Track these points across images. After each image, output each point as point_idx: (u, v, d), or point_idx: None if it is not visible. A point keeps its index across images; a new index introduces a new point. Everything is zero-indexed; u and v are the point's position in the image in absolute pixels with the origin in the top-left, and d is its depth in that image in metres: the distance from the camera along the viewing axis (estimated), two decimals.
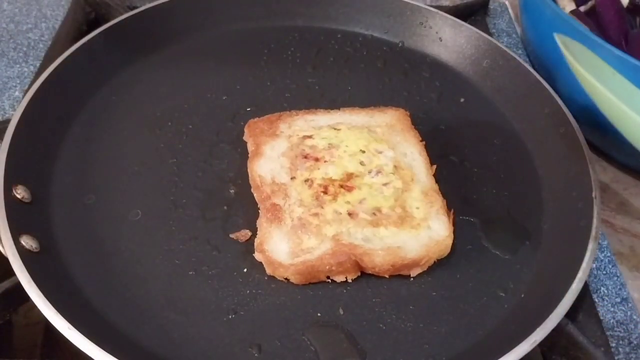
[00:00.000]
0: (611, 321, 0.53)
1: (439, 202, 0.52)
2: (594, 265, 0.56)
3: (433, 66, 0.71)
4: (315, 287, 0.49)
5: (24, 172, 0.52)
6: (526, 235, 0.54)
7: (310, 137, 0.56)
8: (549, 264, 0.51)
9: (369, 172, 0.53)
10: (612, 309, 0.53)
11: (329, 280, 0.49)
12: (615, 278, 0.56)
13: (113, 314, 0.46)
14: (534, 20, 0.72)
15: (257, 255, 0.49)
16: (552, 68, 0.68)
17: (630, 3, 0.70)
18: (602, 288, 0.55)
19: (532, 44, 0.75)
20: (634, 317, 0.53)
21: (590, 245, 0.49)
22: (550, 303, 0.45)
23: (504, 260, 0.52)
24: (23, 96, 0.57)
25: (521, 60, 0.67)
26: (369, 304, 0.48)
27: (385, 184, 0.52)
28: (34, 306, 0.43)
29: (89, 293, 0.47)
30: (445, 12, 0.73)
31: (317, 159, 0.54)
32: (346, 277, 0.49)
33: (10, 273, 0.45)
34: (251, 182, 0.54)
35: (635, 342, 0.51)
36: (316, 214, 0.50)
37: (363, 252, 0.48)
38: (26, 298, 0.43)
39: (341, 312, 0.48)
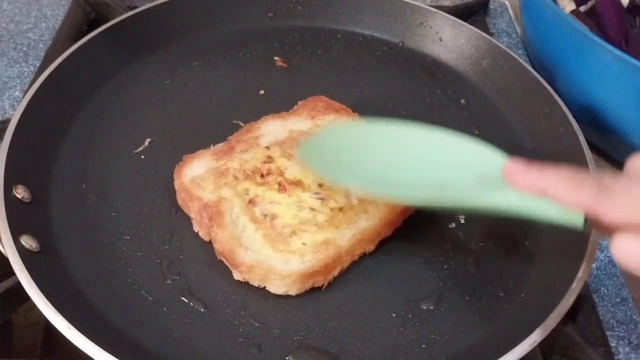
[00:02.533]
0: (611, 321, 0.53)
1: None
2: (594, 265, 0.56)
3: (433, 66, 0.71)
4: (315, 289, 0.49)
5: (24, 172, 0.52)
6: (526, 235, 0.54)
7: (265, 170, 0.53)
8: (549, 264, 0.51)
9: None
10: (612, 309, 0.53)
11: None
12: (615, 278, 0.56)
13: (113, 314, 0.46)
14: (534, 20, 0.72)
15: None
16: (552, 68, 0.68)
17: (630, 3, 0.70)
18: (602, 288, 0.55)
19: (532, 44, 0.75)
20: (634, 317, 0.53)
21: (590, 246, 0.49)
22: (550, 303, 0.45)
23: (503, 260, 0.52)
24: (23, 96, 0.57)
25: (521, 60, 0.67)
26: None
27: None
28: (34, 306, 0.43)
29: (89, 293, 0.47)
30: (445, 12, 0.73)
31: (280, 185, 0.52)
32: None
33: (10, 273, 0.45)
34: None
35: (635, 342, 0.51)
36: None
37: None
38: (26, 298, 0.43)
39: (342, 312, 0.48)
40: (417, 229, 0.53)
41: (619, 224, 0.35)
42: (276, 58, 0.70)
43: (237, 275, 0.48)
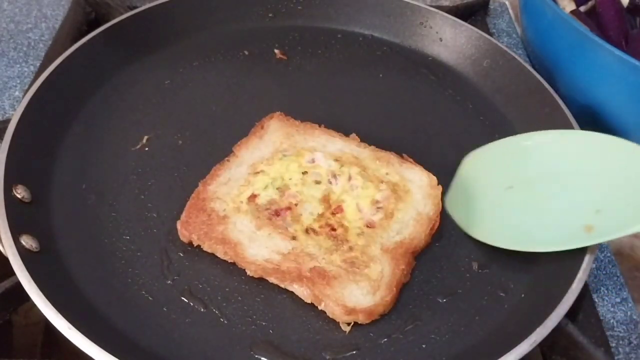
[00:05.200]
0: (611, 321, 0.53)
1: (392, 157, 0.56)
2: (594, 265, 0.56)
3: (433, 66, 0.71)
4: None
5: (24, 172, 0.52)
6: None
7: (255, 196, 0.52)
8: (549, 264, 0.51)
9: (329, 182, 0.53)
10: (612, 309, 0.53)
11: None
12: (615, 278, 0.56)
13: (113, 314, 0.46)
14: (534, 20, 0.72)
15: (350, 319, 0.46)
16: (552, 68, 0.68)
17: (630, 3, 0.70)
18: (602, 288, 0.55)
19: (532, 44, 0.75)
20: (634, 317, 0.53)
21: (590, 246, 0.48)
22: (550, 303, 0.45)
23: (503, 260, 0.52)
24: (23, 96, 0.57)
25: (521, 60, 0.67)
26: None
27: (349, 180, 0.53)
28: (34, 306, 0.43)
29: (89, 293, 0.47)
30: (445, 12, 0.73)
31: (288, 209, 0.51)
32: None
33: (10, 273, 0.45)
34: (253, 274, 0.48)
35: (635, 342, 0.51)
36: (351, 249, 0.49)
37: (409, 242, 0.50)
38: (26, 298, 0.43)
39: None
40: None
41: None
42: (276, 51, 0.71)
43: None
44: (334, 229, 0.50)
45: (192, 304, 0.47)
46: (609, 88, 0.61)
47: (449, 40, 0.72)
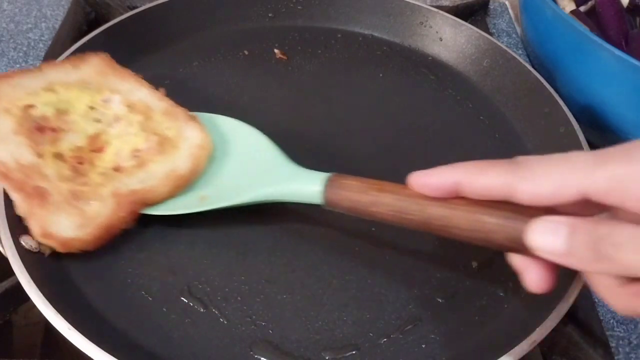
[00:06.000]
0: (611, 321, 0.53)
1: (181, 113, 0.55)
2: None
3: (433, 66, 0.71)
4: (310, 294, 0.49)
5: None
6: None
7: (32, 106, 0.52)
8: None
9: (109, 125, 0.53)
10: (612, 309, 0.53)
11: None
12: None
13: (113, 314, 0.46)
14: (534, 20, 0.72)
15: (45, 241, 0.46)
16: (552, 68, 0.68)
17: (630, 3, 0.70)
18: None
19: (532, 44, 0.75)
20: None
21: None
22: (550, 303, 0.45)
23: (503, 260, 0.52)
24: None
25: (521, 60, 0.67)
26: None
27: (128, 127, 0.53)
28: (33, 306, 0.43)
29: (89, 293, 0.47)
30: (445, 12, 0.73)
31: (54, 130, 0.51)
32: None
33: (10, 273, 0.45)
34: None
35: (635, 342, 0.51)
36: (84, 183, 0.49)
37: (145, 192, 0.49)
38: (26, 298, 0.43)
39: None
40: (416, 229, 0.53)
41: (537, 198, 0.34)
42: (276, 50, 0.71)
43: None
44: (81, 162, 0.50)
45: (191, 304, 0.47)
46: (609, 88, 0.61)
47: (449, 40, 0.72)
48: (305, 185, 0.47)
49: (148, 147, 0.52)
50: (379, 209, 0.43)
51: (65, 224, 0.47)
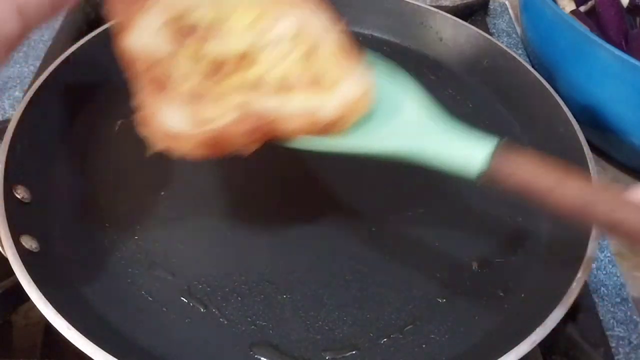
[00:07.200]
0: (611, 321, 0.53)
1: (351, 59, 0.47)
2: (594, 265, 0.56)
3: (433, 66, 0.71)
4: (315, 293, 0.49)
5: (24, 172, 0.52)
6: (526, 235, 0.54)
7: (190, 10, 0.47)
8: (549, 264, 0.51)
9: (264, 48, 0.46)
10: (612, 309, 0.53)
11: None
12: (615, 278, 0.56)
13: (113, 314, 0.46)
14: (534, 20, 0.72)
15: (144, 130, 0.43)
16: (552, 68, 0.68)
17: (630, 3, 0.70)
18: (602, 288, 0.55)
19: (532, 44, 0.75)
20: (634, 317, 0.53)
21: (591, 245, 0.49)
22: (550, 303, 0.45)
23: (503, 260, 0.52)
24: (23, 96, 0.57)
25: (521, 60, 0.67)
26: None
27: (285, 55, 0.46)
28: (33, 306, 0.43)
29: (89, 293, 0.47)
30: (446, 12, 0.73)
31: (202, 36, 0.46)
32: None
33: (10, 273, 0.45)
34: (123, 62, 0.46)
35: (635, 342, 0.51)
36: (212, 88, 0.44)
37: (274, 118, 0.43)
38: (26, 298, 0.43)
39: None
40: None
41: None
42: None
43: None
44: (217, 71, 0.45)
45: (191, 304, 0.47)
46: (609, 88, 0.61)
47: (449, 40, 0.72)
48: (466, 149, 0.40)
49: (299, 80, 0.45)
50: (558, 198, 0.37)
51: (176, 118, 0.42)
